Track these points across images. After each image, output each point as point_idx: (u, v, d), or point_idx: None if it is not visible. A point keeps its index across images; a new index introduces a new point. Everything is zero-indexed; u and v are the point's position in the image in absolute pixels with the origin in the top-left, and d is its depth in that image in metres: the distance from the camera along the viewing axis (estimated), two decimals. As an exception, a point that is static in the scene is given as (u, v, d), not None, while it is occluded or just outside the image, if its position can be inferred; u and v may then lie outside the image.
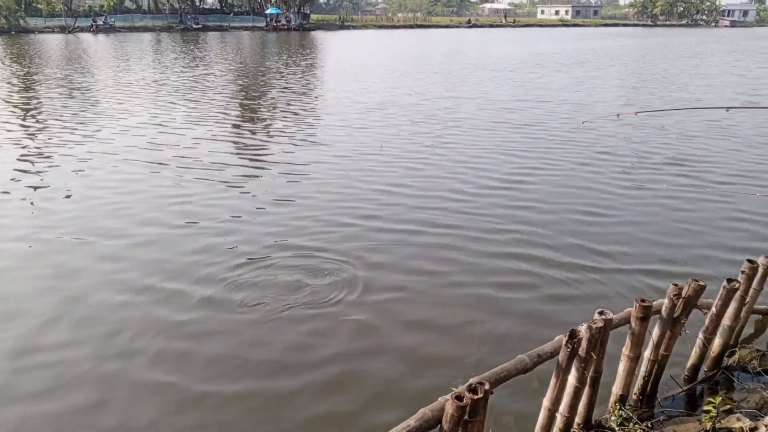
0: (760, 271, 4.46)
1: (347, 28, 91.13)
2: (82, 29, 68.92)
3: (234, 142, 13.76)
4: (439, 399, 3.17)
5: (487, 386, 3.13)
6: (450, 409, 2.91)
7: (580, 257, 7.25)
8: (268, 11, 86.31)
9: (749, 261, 4.35)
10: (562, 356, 3.54)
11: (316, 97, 21.12)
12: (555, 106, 18.79)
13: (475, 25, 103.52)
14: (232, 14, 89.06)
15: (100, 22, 71.04)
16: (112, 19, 73.05)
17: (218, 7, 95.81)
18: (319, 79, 26.69)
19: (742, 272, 4.34)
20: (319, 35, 72.17)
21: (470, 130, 14.88)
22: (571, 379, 3.66)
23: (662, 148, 12.94)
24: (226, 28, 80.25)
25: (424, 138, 13.91)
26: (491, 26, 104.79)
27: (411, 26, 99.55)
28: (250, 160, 12.19)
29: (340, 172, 11.05)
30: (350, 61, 36.27)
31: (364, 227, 8.22)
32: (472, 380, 3.14)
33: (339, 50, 47.97)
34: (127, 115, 16.68)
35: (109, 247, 7.56)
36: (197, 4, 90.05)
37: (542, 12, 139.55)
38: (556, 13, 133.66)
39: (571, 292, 6.42)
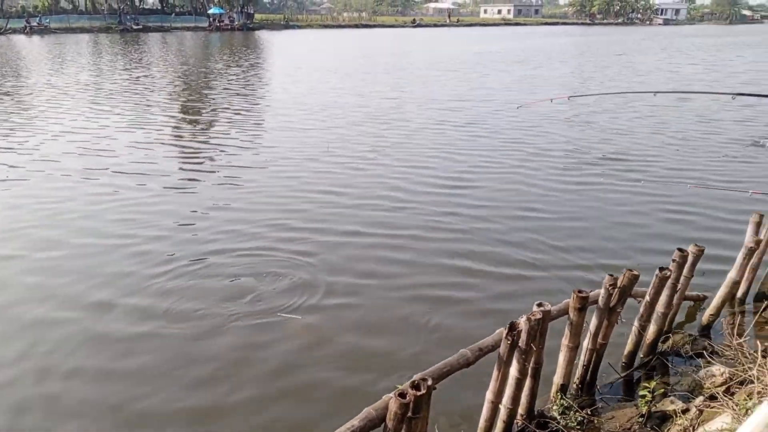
0: (690, 259, 4.64)
1: (292, 27, 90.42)
2: (15, 30, 65.88)
3: (174, 146, 13.43)
4: (383, 397, 3.18)
5: (429, 382, 3.15)
6: (393, 406, 2.92)
7: (522, 253, 7.39)
8: (210, 11, 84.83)
9: (679, 250, 4.52)
10: (503, 349, 3.61)
11: (259, 99, 20.86)
12: (496, 104, 19.09)
13: (419, 25, 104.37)
14: (173, 14, 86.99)
15: (34, 23, 68.08)
16: (47, 20, 70.21)
17: (159, 8, 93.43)
18: (262, 80, 26.39)
19: (673, 261, 4.51)
20: (263, 35, 71.31)
21: (415, 129, 14.97)
22: (513, 371, 3.73)
23: (599, 142, 13.32)
24: (168, 28, 78.30)
25: (370, 138, 13.92)
26: (435, 26, 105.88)
27: (356, 26, 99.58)
28: (191, 164, 11.92)
29: (284, 174, 10.93)
30: (295, 61, 35.99)
31: (309, 230, 8.15)
32: (415, 377, 3.16)
33: (283, 50, 47.54)
34: (61, 121, 16.05)
35: (38, 258, 7.25)
36: (137, 4, 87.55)
37: (485, 11, 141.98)
38: (499, 12, 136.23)
39: (514, 288, 6.54)
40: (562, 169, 11.12)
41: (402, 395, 2.91)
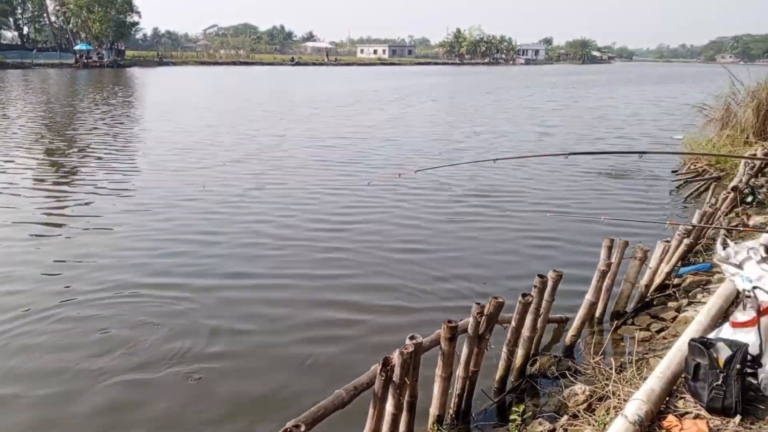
0: (550, 284, 4.95)
1: (166, 64, 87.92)
2: None
3: (37, 191, 12.41)
4: (255, 447, 3.08)
5: (303, 428, 3.10)
6: (264, 456, 2.83)
7: (403, 285, 7.52)
8: (77, 47, 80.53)
9: (539, 276, 4.81)
10: (377, 385, 3.62)
11: (131, 138, 19.90)
12: (370, 144, 19.33)
13: (298, 63, 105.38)
14: (35, 50, 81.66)
15: None
16: None
17: (19, 43, 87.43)
18: (134, 119, 25.22)
19: (535, 287, 4.79)
20: (135, 72, 68.57)
21: (291, 169, 14.77)
22: (389, 406, 3.74)
23: (468, 180, 13.95)
24: (29, 65, 73.04)
25: (248, 176, 13.70)
26: (314, 64, 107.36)
27: (234, 63, 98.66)
28: (56, 209, 11.06)
29: (159, 216, 10.43)
30: (169, 99, 34.87)
31: (186, 273, 7.80)
32: (288, 424, 3.09)
33: (157, 88, 46.02)
34: None
35: None
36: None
37: (362, 51, 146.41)
38: (375, 52, 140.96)
39: (396, 321, 6.61)
40: (435, 206, 11.40)
41: (273, 443, 2.83)
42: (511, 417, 4.30)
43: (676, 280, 6.89)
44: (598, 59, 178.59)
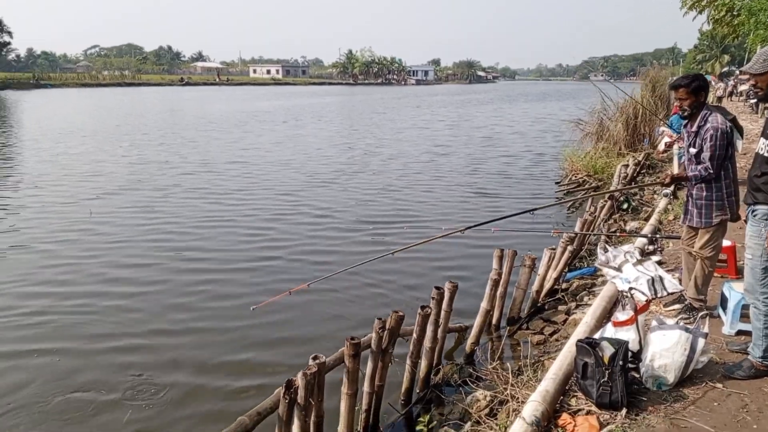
0: (447, 294, 5.10)
1: (44, 86, 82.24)
2: None
3: None
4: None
5: (205, 457, 2.97)
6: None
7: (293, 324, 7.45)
8: (-64, 68, 73.70)
9: (436, 288, 4.94)
10: (281, 408, 3.56)
11: (9, 167, 18.35)
12: (275, 163, 19.15)
13: (188, 83, 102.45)
14: None
15: None
16: None
17: None
18: (11, 147, 23.17)
19: (432, 298, 4.91)
20: (9, 95, 63.47)
21: (186, 197, 13.92)
22: (295, 429, 3.69)
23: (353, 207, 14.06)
24: None
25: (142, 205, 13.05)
26: (205, 84, 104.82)
27: (119, 84, 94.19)
28: None
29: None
30: (52, 123, 32.54)
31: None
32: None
33: (37, 111, 42.88)
34: None
35: None
36: None
37: (254, 71, 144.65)
38: (268, 72, 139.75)
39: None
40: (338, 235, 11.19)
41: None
42: (418, 428, 4.37)
43: (564, 285, 7.32)
44: (484, 79, 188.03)
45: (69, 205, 12.79)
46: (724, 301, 5.01)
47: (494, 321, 6.38)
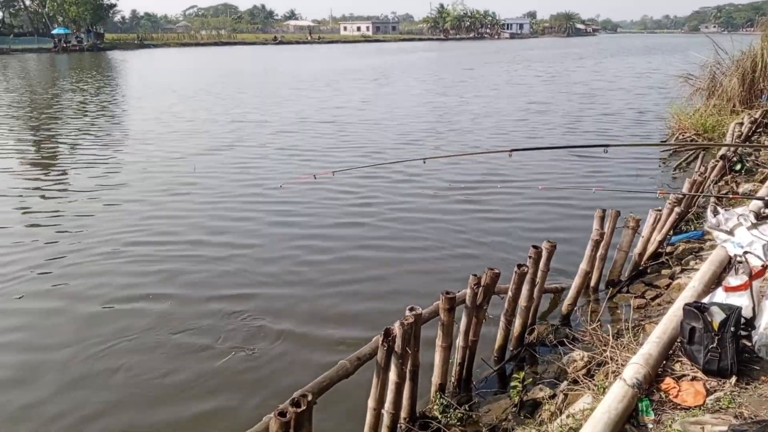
0: (544, 254, 5.00)
1: (147, 46, 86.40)
2: None
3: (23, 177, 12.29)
4: (263, 419, 3.11)
5: (309, 397, 3.12)
6: (274, 426, 2.86)
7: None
8: (55, 31, 79.00)
9: (534, 247, 4.86)
10: (380, 355, 3.66)
11: (115, 126, 19.61)
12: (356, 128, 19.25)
13: (281, 42, 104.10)
14: (12, 36, 79.90)
15: None
16: None
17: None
18: (119, 106, 24.74)
19: (530, 257, 4.83)
20: (116, 55, 67.43)
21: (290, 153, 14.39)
22: (392, 375, 3.79)
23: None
24: (6, 50, 71.46)
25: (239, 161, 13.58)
26: (297, 42, 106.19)
27: (215, 43, 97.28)
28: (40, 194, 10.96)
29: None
30: (155, 82, 34.35)
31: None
32: (295, 394, 3.12)
33: (139, 70, 45.31)
34: None
35: None
36: (-33, 24, 79.62)
37: (345, 28, 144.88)
38: (358, 29, 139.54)
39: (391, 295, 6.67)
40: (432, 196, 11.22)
41: (282, 414, 2.86)
42: (512, 384, 4.37)
43: (668, 249, 6.98)
44: (583, 32, 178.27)
45: (174, 160, 13.54)
46: None
47: (593, 283, 6.21)
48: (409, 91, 28.74)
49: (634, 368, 3.68)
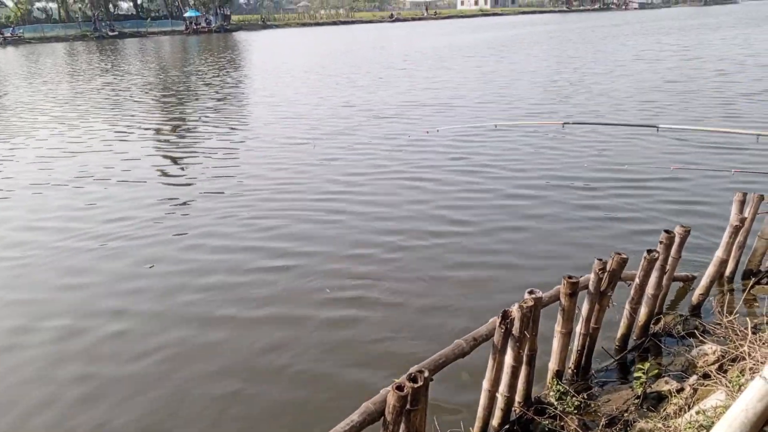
0: (677, 240, 4.69)
1: (270, 27, 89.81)
2: (-11, 42, 64.94)
3: (159, 163, 13.31)
4: (381, 391, 3.18)
5: (426, 374, 3.15)
6: (392, 399, 2.92)
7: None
8: (186, 14, 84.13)
9: (666, 231, 4.56)
10: (497, 337, 3.62)
11: (244, 104, 20.65)
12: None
13: (398, 19, 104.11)
14: (149, 19, 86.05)
15: (8, 34, 67.06)
16: (21, 30, 69.26)
17: (134, 13, 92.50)
18: (247, 86, 25.80)
19: (661, 242, 4.55)
20: (241, 36, 70.79)
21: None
22: (508, 358, 3.75)
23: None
24: (144, 33, 77.37)
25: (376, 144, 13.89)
26: (413, 19, 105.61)
27: (335, 23, 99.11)
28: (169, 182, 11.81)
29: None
30: (279, 62, 35.64)
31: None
32: (412, 369, 3.16)
33: (263, 51, 47.19)
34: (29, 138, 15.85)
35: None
36: (111, 10, 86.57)
37: (462, 2, 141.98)
38: (476, 2, 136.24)
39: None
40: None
41: (400, 388, 2.91)
42: (635, 374, 4.17)
43: (819, 238, 6.30)
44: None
45: (295, 140, 14.11)
46: None
47: (728, 273, 5.76)
48: (527, 66, 27.68)
49: (777, 367, 3.38)
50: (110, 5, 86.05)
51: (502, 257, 7.01)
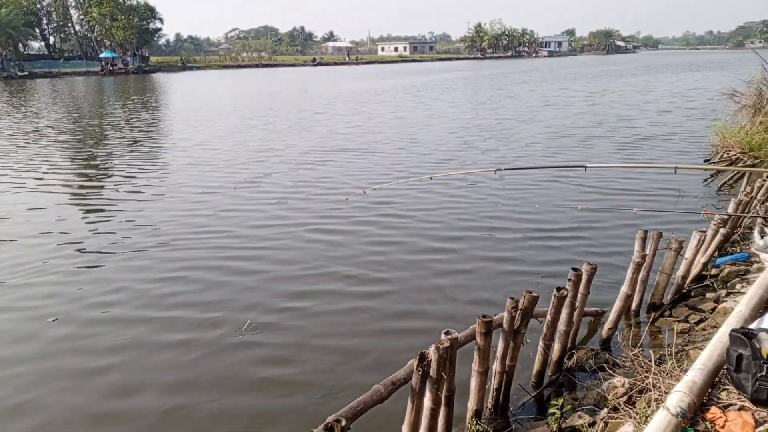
0: (585, 277, 4.90)
1: (190, 68, 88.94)
2: None
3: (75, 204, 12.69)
4: (298, 442, 3.10)
5: (344, 422, 3.11)
6: (308, 451, 2.85)
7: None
8: (102, 55, 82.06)
9: (574, 269, 4.76)
10: (414, 380, 3.62)
11: (161, 144, 20.18)
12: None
13: (320, 63, 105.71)
14: (62, 59, 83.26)
15: None
16: None
17: (46, 53, 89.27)
18: (160, 129, 25.30)
19: (569, 280, 4.74)
20: (160, 77, 69.57)
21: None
22: (426, 401, 3.75)
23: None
24: (57, 74, 74.55)
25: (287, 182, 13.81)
26: (336, 64, 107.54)
27: (256, 65, 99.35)
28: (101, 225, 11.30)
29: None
30: (197, 103, 35.20)
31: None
32: (329, 419, 3.11)
33: (182, 92, 46.51)
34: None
35: None
36: (21, 50, 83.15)
37: (382, 49, 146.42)
38: (395, 49, 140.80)
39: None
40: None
41: (315, 439, 2.85)
42: (551, 410, 4.28)
43: (713, 271, 6.78)
44: (623, 49, 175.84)
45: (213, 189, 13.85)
46: None
47: (634, 306, 6.06)
48: (443, 112, 28.50)
49: (678, 396, 3.55)
50: (19, 45, 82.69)
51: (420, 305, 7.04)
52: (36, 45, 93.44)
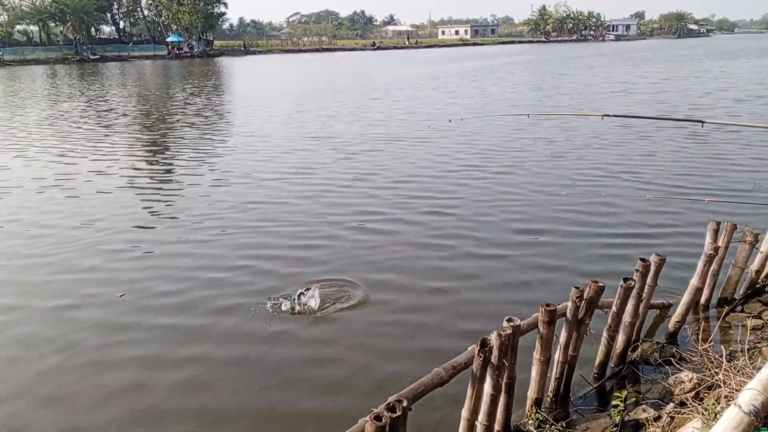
0: (653, 268, 4.75)
1: (252, 53, 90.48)
2: (-33, 64, 64.33)
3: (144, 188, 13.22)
4: (359, 421, 3.15)
5: (405, 403, 3.14)
6: (370, 430, 2.90)
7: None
8: (169, 39, 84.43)
9: (642, 260, 4.63)
10: (475, 366, 3.62)
11: (224, 130, 20.67)
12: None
13: (379, 48, 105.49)
14: (131, 43, 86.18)
15: (-14, 57, 66.65)
16: (0, 53, 68.77)
17: (116, 37, 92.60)
18: (225, 113, 25.92)
19: (637, 271, 4.61)
20: (224, 61, 71.13)
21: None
22: (487, 387, 3.74)
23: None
24: (126, 57, 77.35)
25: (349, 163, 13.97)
26: (395, 48, 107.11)
27: (317, 50, 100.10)
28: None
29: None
30: (256, 87, 35.81)
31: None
32: (390, 398, 3.14)
33: (245, 77, 47.41)
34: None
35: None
36: (93, 34, 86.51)
37: (443, 32, 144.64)
38: (456, 33, 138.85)
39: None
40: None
41: (378, 418, 2.89)
42: (613, 402, 4.19)
43: (790, 266, 6.43)
44: (696, 32, 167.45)
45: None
46: None
47: (703, 300, 5.84)
48: (499, 95, 28.06)
49: (751, 394, 3.40)
50: (92, 29, 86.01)
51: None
52: (107, 29, 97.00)
